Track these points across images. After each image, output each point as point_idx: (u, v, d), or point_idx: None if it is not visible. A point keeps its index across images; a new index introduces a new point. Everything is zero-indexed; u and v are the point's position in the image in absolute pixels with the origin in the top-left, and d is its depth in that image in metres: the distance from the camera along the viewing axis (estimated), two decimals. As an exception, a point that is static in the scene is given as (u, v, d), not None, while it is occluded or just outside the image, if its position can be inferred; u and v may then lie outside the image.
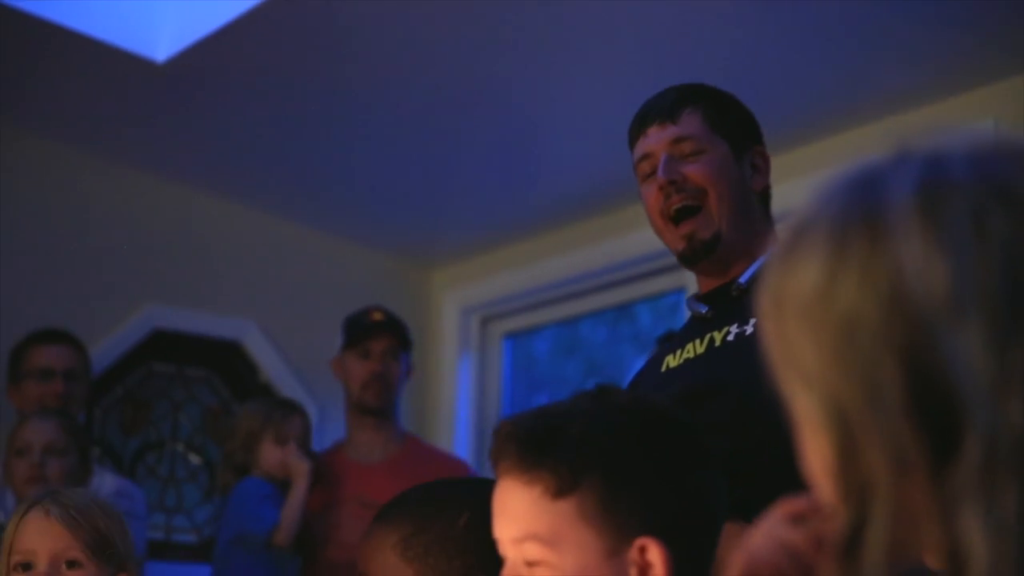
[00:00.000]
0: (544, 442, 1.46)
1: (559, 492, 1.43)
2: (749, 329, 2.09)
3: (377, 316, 4.02)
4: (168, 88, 4.12)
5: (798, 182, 3.19)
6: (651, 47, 3.63)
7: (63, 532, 2.25)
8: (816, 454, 0.89)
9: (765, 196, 2.22)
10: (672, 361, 2.19)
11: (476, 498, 1.82)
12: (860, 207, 0.87)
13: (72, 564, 2.25)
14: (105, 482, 3.85)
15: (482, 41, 3.76)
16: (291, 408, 4.03)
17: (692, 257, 2.18)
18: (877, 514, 0.85)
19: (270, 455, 3.92)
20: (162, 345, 4.62)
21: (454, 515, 1.79)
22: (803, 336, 0.88)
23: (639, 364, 2.35)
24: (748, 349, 2.00)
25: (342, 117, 4.19)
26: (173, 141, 4.47)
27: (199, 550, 4.56)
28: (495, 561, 1.79)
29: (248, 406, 4.05)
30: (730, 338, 2.11)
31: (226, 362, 4.72)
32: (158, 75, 4.03)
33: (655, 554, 1.43)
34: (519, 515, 1.46)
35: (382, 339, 3.96)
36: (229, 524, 3.81)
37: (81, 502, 2.32)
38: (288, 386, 4.69)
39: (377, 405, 3.96)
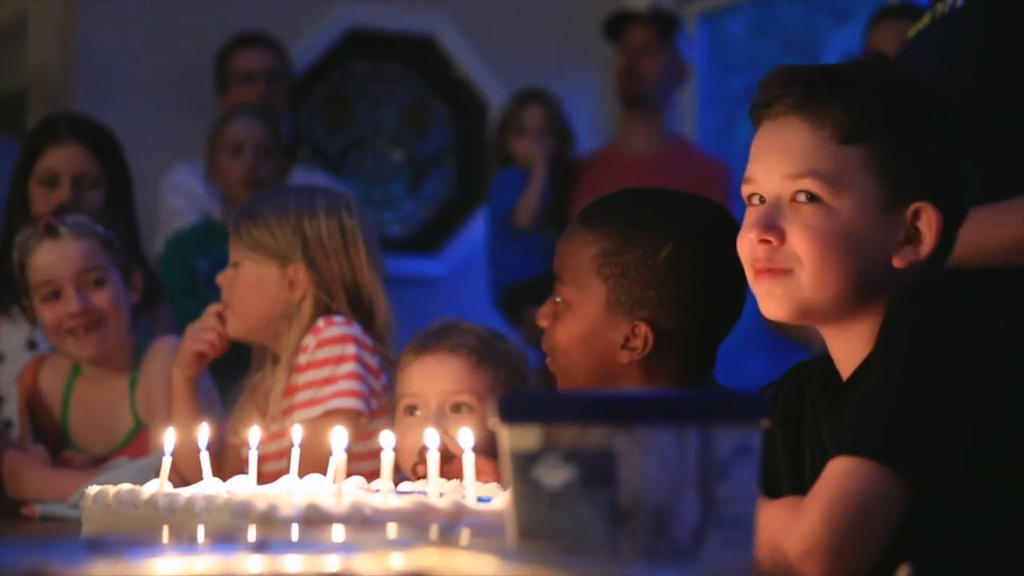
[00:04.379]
0: (838, 84, 1.44)
1: (849, 137, 1.42)
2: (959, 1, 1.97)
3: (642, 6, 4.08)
4: None
5: None
6: None
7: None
8: None
9: None
10: (910, 31, 2.08)
11: (685, 229, 1.74)
12: None
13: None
14: (313, 180, 3.96)
15: None
16: (529, 98, 4.12)
17: None
18: None
19: (516, 145, 4.06)
20: (359, 43, 4.66)
21: (659, 243, 1.72)
22: None
23: (839, 36, 2.25)
24: (965, 21, 1.91)
25: None
26: None
27: (408, 242, 4.70)
28: (689, 295, 1.72)
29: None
30: (946, 11, 1.99)
31: (422, 58, 4.75)
32: None
33: (928, 222, 1.42)
34: (800, 152, 1.43)
35: (637, 30, 3.98)
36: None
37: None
38: (483, 79, 4.70)
39: (630, 93, 3.99)
